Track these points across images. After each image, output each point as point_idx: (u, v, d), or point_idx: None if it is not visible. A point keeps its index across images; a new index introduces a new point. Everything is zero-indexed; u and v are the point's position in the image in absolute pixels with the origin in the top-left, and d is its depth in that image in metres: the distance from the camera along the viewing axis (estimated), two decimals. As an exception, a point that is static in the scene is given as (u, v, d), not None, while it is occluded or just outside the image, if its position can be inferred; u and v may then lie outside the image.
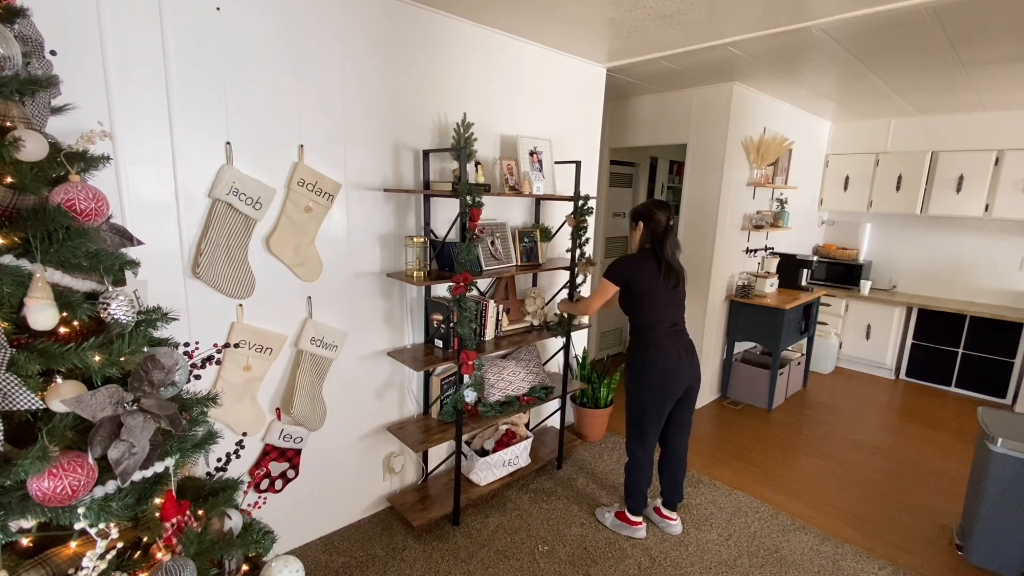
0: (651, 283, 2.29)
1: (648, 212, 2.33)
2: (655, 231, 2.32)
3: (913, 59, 2.96)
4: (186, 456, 1.24)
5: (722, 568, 2.35)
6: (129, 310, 1.14)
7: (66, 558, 1.10)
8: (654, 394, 2.36)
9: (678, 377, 2.35)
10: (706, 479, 3.08)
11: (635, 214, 2.39)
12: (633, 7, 2.31)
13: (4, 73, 1.02)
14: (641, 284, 2.30)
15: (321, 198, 2.16)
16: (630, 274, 2.32)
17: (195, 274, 1.90)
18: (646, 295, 2.31)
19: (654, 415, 2.40)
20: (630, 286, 2.33)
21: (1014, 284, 4.56)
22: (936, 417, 4.11)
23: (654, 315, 2.33)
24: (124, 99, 1.67)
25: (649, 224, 2.32)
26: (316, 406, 2.30)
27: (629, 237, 2.50)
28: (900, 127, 4.83)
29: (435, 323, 2.58)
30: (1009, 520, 2.31)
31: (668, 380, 2.34)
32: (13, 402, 0.97)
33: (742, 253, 4.29)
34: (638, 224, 2.36)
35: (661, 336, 2.33)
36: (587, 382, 3.46)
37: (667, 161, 5.68)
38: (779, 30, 2.54)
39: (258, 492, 2.21)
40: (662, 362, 2.32)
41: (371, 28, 2.22)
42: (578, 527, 2.60)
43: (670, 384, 2.35)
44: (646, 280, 2.29)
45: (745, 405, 4.22)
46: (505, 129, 2.85)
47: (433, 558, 2.35)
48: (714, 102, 3.79)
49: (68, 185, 1.08)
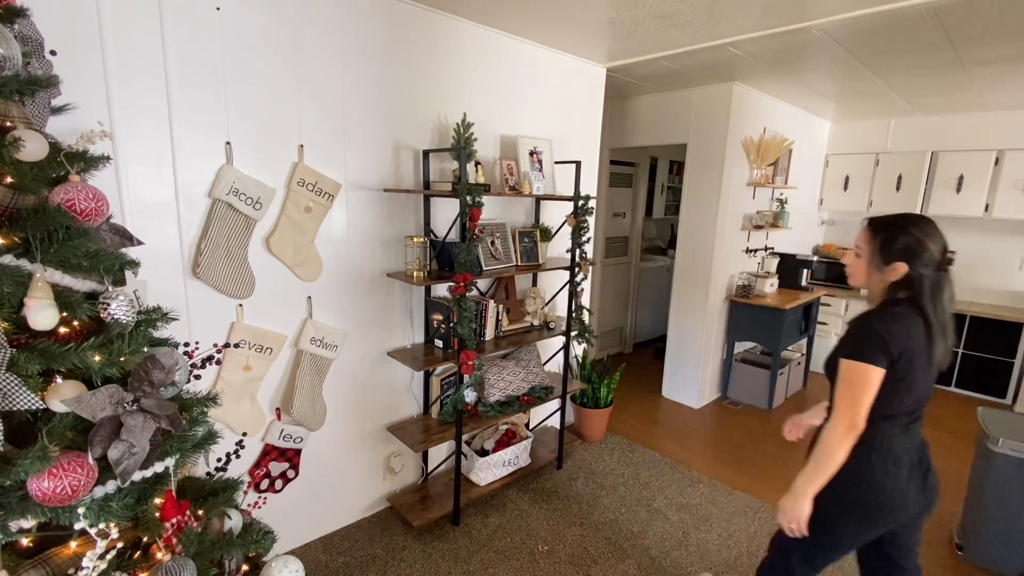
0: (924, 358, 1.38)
1: (917, 243, 1.38)
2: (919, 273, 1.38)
3: (913, 59, 2.96)
4: (186, 456, 1.24)
5: (722, 568, 2.35)
6: (129, 310, 1.14)
7: (66, 558, 1.10)
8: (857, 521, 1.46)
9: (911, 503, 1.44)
10: (706, 479, 3.08)
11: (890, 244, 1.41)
12: (633, 7, 2.31)
13: (4, 73, 1.02)
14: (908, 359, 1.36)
15: (321, 198, 2.16)
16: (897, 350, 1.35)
17: (195, 274, 1.90)
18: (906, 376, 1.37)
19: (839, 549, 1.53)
20: (898, 366, 1.36)
21: (1014, 284, 4.56)
22: (936, 417, 4.11)
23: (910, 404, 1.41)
24: (124, 99, 1.67)
25: (916, 265, 1.38)
26: (316, 406, 2.30)
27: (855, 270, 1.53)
28: (900, 127, 4.83)
29: (435, 323, 2.58)
30: (1009, 520, 2.31)
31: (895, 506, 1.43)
32: (13, 402, 0.97)
33: (742, 253, 4.29)
34: (893, 264, 1.40)
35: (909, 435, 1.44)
36: (587, 382, 3.46)
37: (667, 161, 5.69)
38: (779, 30, 2.54)
39: (258, 492, 2.21)
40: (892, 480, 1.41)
41: (371, 28, 2.22)
42: (578, 527, 2.60)
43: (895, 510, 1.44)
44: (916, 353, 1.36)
45: (745, 405, 4.22)
46: (505, 129, 2.85)
47: (433, 558, 2.35)
48: (714, 102, 3.79)
49: (68, 185, 1.08)
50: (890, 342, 1.34)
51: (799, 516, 1.42)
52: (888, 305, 1.42)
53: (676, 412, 4.06)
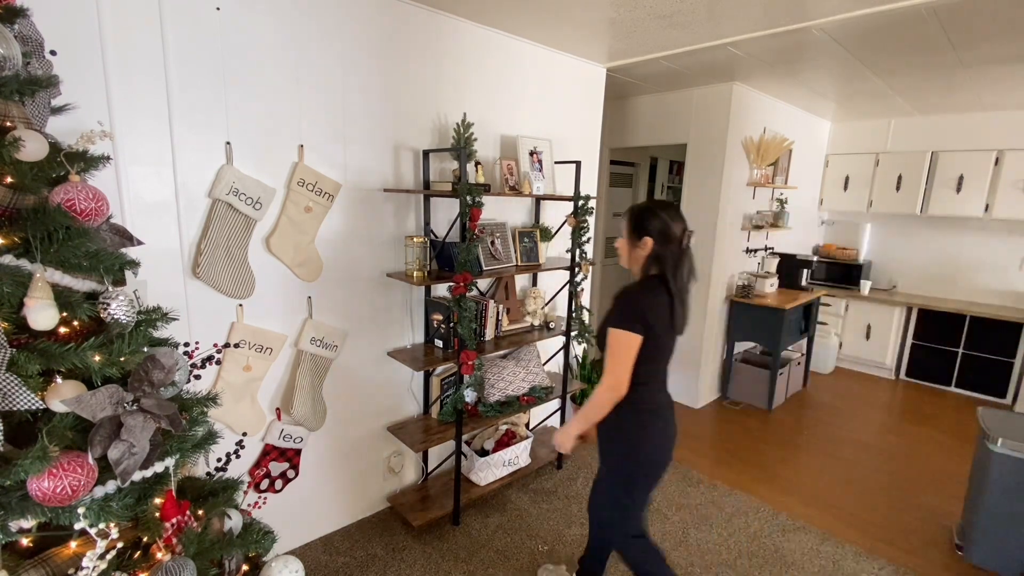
0: (664, 327, 1.64)
1: (662, 224, 1.62)
2: (664, 253, 1.63)
3: (913, 59, 2.96)
4: (186, 456, 1.24)
5: (722, 568, 2.35)
6: (129, 310, 1.15)
7: (66, 558, 1.10)
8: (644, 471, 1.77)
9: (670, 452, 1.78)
10: (706, 479, 3.08)
11: (639, 222, 1.67)
12: (633, 7, 2.31)
13: (4, 73, 1.02)
14: (657, 328, 1.62)
15: (321, 198, 2.16)
16: (647, 320, 1.60)
17: (195, 274, 1.90)
18: (655, 345, 1.64)
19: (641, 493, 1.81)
20: (649, 332, 1.62)
21: (1014, 284, 4.56)
22: (936, 417, 4.11)
23: (655, 367, 1.71)
24: (124, 99, 1.67)
25: (661, 242, 1.63)
26: (316, 406, 2.30)
27: (621, 250, 1.77)
28: (900, 127, 4.83)
29: (435, 323, 2.58)
30: (1009, 520, 2.31)
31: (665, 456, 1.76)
32: (13, 402, 0.97)
33: (742, 253, 4.29)
34: (643, 239, 1.65)
35: (658, 394, 1.75)
36: (587, 382, 3.46)
37: (667, 161, 5.69)
38: (779, 30, 2.54)
39: (258, 492, 2.21)
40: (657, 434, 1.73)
41: (371, 28, 2.22)
42: (578, 527, 2.60)
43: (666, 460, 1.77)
44: (661, 323, 1.63)
45: (745, 405, 4.22)
46: (505, 129, 2.85)
47: (433, 558, 2.35)
48: (714, 102, 3.79)
49: (68, 185, 1.08)
50: (646, 312, 1.60)
51: (565, 443, 1.77)
52: (644, 280, 1.69)
53: (676, 412, 4.05)
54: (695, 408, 4.14)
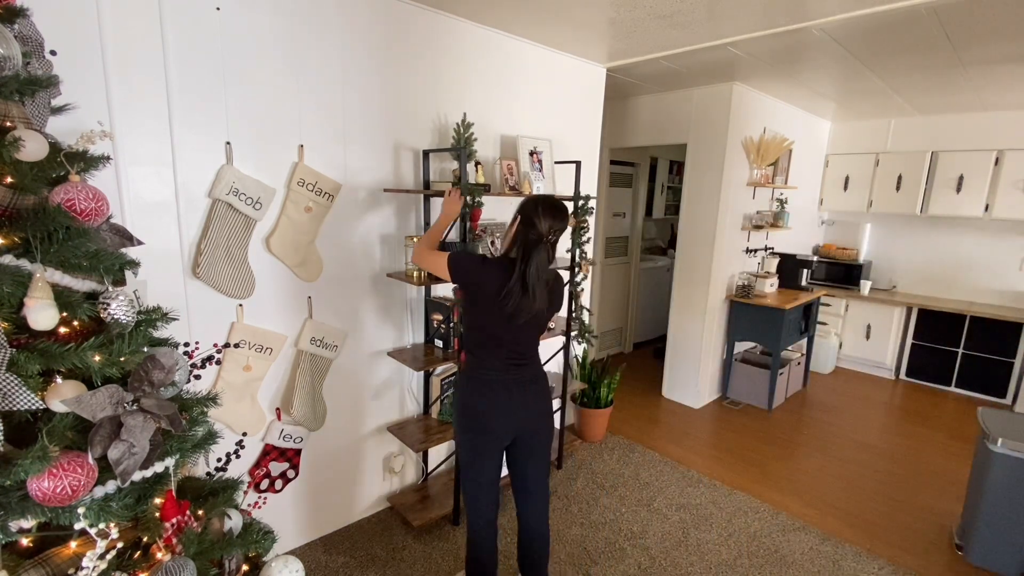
0: (492, 300, 1.68)
1: (530, 212, 1.69)
2: (527, 239, 1.68)
3: (913, 59, 2.96)
4: (186, 456, 1.24)
5: (722, 568, 2.35)
6: (129, 310, 1.14)
7: (66, 558, 1.10)
8: (466, 437, 1.84)
9: (496, 422, 1.78)
10: (706, 479, 3.08)
11: (521, 206, 1.77)
12: (633, 7, 2.31)
13: (4, 73, 1.02)
14: (481, 294, 1.71)
15: (321, 198, 2.16)
16: (470, 276, 1.73)
17: (195, 274, 1.90)
18: (483, 312, 1.73)
19: (473, 463, 1.85)
20: (469, 290, 1.75)
21: (1014, 284, 4.56)
22: (936, 417, 4.11)
23: (483, 338, 1.77)
24: (124, 99, 1.67)
25: (525, 226, 1.69)
26: (316, 406, 2.30)
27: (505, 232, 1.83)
28: (900, 127, 4.83)
29: (435, 323, 2.58)
30: (1009, 520, 2.31)
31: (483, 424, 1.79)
32: (13, 402, 0.97)
33: (742, 253, 4.29)
34: (516, 219, 1.75)
35: (488, 368, 1.78)
36: (587, 382, 3.46)
37: (667, 161, 5.69)
38: (779, 30, 2.54)
39: (258, 492, 2.21)
40: (475, 399, 1.79)
41: (371, 28, 2.22)
42: (578, 527, 2.60)
43: (485, 428, 1.79)
44: (488, 293, 1.69)
45: (745, 405, 4.22)
46: (505, 129, 2.85)
47: (433, 558, 2.35)
48: (714, 102, 3.79)
49: (68, 185, 1.08)
50: (475, 269, 1.73)
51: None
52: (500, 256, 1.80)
53: (676, 412, 4.06)
54: (695, 408, 4.14)
